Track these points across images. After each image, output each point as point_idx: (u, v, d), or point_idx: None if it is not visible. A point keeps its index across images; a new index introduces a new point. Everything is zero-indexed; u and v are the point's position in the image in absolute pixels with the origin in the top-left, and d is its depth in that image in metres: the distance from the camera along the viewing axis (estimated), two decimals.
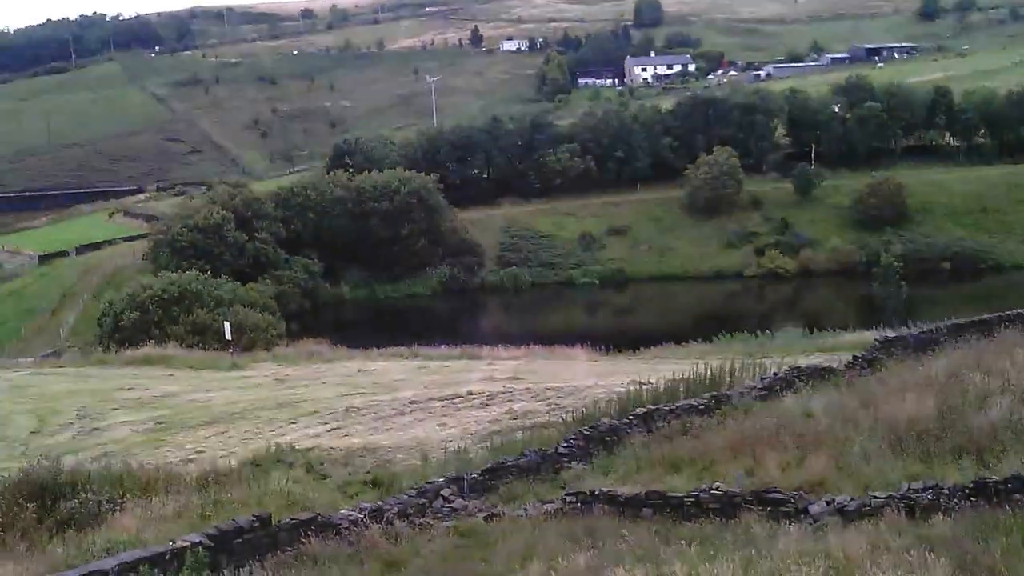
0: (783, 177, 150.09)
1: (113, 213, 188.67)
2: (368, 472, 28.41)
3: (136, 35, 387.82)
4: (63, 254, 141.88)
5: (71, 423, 40.99)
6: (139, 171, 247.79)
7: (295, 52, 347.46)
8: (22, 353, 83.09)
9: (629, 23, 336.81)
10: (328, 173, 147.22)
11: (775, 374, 33.28)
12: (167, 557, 19.01)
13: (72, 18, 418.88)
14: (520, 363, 53.04)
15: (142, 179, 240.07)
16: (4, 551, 23.19)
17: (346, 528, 22.17)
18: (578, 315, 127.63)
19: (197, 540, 19.73)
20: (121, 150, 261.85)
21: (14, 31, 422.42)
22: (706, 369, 33.39)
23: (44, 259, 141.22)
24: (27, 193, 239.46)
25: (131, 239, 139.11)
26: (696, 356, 47.65)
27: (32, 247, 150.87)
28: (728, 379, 33.32)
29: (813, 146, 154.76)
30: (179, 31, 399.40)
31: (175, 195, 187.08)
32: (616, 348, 61.09)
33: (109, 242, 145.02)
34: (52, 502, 25.86)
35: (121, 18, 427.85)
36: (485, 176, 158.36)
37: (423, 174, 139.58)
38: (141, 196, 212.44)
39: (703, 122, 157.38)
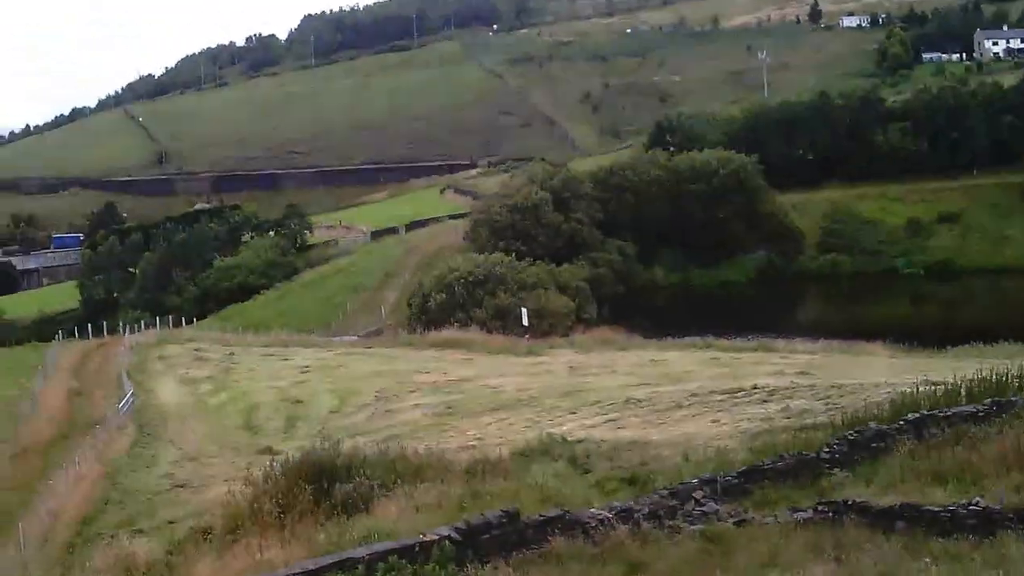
0: None
1: (444, 189, 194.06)
2: (628, 468, 28.51)
3: (476, 13, 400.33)
4: (393, 231, 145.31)
5: (368, 404, 43.08)
6: (472, 144, 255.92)
7: (628, 31, 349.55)
8: (346, 329, 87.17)
9: None
10: (648, 151, 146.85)
11: None
12: (416, 549, 19.61)
13: None
14: (814, 358, 51.81)
15: (475, 152, 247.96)
16: (280, 533, 24.60)
17: (593, 527, 22.22)
18: (900, 307, 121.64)
19: (445, 534, 20.24)
20: (456, 124, 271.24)
21: (363, 8, 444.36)
22: (992, 372, 31.45)
23: (376, 235, 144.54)
24: (368, 166, 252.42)
25: (456, 217, 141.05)
26: (1004, 356, 45.00)
27: (366, 223, 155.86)
28: (1017, 384, 31.39)
29: None
30: (517, 8, 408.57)
31: (504, 171, 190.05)
32: (935, 345, 58.59)
33: (436, 219, 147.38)
34: (329, 485, 26.90)
35: None
36: (809, 156, 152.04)
37: (743, 154, 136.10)
38: (472, 172, 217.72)
39: None
